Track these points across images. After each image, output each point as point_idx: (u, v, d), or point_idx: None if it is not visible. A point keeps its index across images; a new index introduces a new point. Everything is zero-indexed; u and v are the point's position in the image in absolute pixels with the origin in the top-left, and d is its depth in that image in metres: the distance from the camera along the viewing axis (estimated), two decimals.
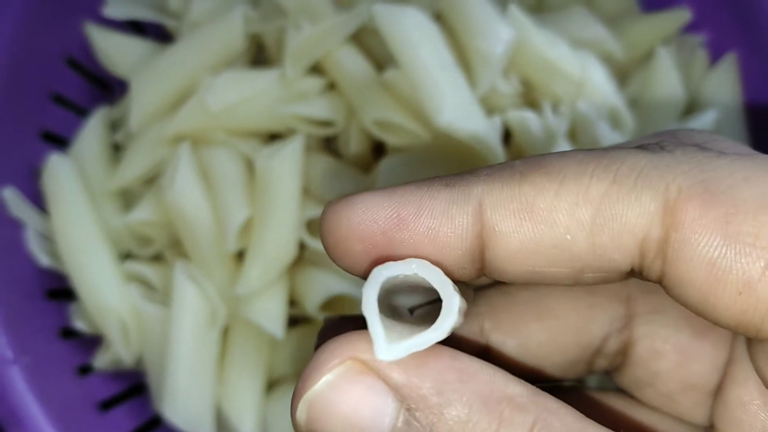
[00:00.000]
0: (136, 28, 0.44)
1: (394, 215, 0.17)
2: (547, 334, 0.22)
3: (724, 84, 0.43)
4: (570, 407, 0.17)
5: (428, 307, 0.20)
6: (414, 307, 0.20)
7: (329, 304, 0.39)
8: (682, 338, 0.22)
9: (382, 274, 0.17)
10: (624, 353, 0.23)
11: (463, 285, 0.19)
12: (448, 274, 0.17)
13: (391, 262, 0.17)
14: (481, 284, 0.23)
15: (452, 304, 0.17)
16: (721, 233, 0.16)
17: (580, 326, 0.22)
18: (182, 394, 0.38)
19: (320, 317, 0.39)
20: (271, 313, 0.39)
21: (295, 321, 0.41)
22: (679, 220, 0.16)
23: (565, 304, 0.22)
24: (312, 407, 0.17)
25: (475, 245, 0.18)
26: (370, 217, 0.17)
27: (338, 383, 0.17)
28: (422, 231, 0.17)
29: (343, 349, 0.17)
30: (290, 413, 0.17)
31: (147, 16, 0.41)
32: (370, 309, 0.17)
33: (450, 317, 0.17)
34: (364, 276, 0.18)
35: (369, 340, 0.17)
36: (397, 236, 0.17)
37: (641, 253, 0.17)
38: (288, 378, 0.40)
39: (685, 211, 0.16)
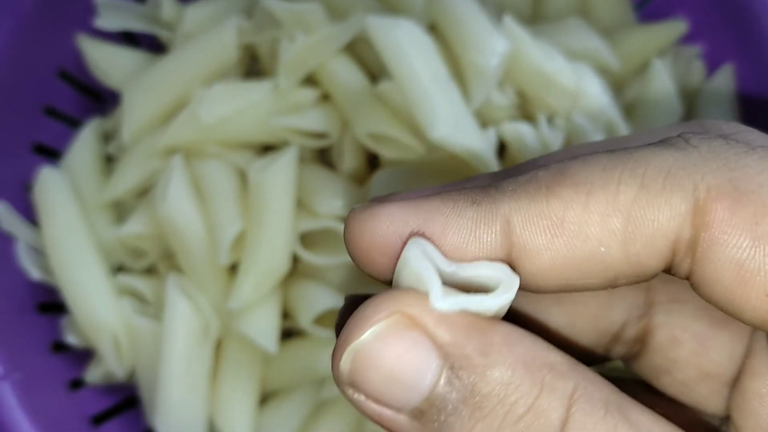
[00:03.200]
0: (128, 39, 0.44)
1: (419, 232, 0.17)
2: (566, 319, 0.22)
3: (720, 95, 0.43)
4: (608, 381, 0.17)
5: None
6: None
7: (323, 317, 0.39)
8: (701, 328, 0.22)
9: (419, 241, 0.17)
10: (642, 340, 0.23)
11: None
12: None
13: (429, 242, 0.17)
14: None
15: (513, 282, 0.17)
16: (750, 234, 0.16)
17: (599, 312, 0.22)
18: (175, 407, 0.38)
19: (314, 331, 0.38)
20: (263, 327, 0.38)
21: (288, 334, 0.41)
22: (708, 221, 0.16)
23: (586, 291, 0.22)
24: (357, 357, 0.17)
25: (504, 263, 0.17)
26: (394, 232, 0.17)
27: (385, 335, 0.17)
28: (448, 249, 0.17)
29: (391, 303, 0.17)
30: (331, 365, 0.17)
31: (140, 27, 0.41)
32: (421, 261, 0.17)
33: (511, 290, 0.17)
34: (390, 282, 0.18)
35: (416, 296, 0.17)
36: None
37: (672, 253, 0.17)
38: (282, 392, 0.40)
39: (714, 211, 0.16)
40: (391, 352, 0.17)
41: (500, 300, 0.17)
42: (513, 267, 0.17)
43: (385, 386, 0.17)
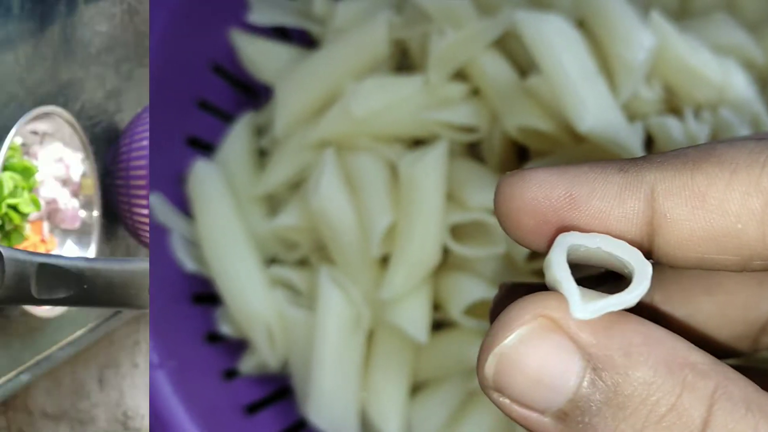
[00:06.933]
0: (281, 34, 0.45)
1: (567, 195, 0.18)
2: (715, 308, 0.22)
3: None
4: (748, 379, 0.17)
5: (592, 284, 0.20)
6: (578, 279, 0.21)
7: (474, 308, 0.39)
8: None
9: (567, 240, 0.17)
10: None
11: None
12: None
13: (576, 232, 0.18)
14: None
15: (646, 271, 0.17)
16: None
17: (748, 302, 0.22)
18: (327, 397, 0.38)
19: (465, 322, 0.39)
20: (414, 318, 0.39)
21: (439, 325, 0.41)
22: None
23: (735, 280, 0.22)
24: (501, 360, 0.17)
25: (644, 231, 0.18)
26: (543, 194, 0.18)
27: (529, 338, 0.17)
28: (593, 213, 0.18)
29: (534, 306, 0.17)
30: (476, 368, 0.18)
31: (292, 22, 0.41)
32: (562, 268, 0.17)
33: (645, 281, 0.17)
34: (535, 248, 0.19)
35: (559, 299, 0.17)
36: (568, 215, 0.18)
37: None
38: (432, 382, 0.40)
39: None
40: (536, 355, 0.17)
41: (636, 293, 0.17)
42: (652, 236, 0.18)
43: (529, 389, 0.17)
